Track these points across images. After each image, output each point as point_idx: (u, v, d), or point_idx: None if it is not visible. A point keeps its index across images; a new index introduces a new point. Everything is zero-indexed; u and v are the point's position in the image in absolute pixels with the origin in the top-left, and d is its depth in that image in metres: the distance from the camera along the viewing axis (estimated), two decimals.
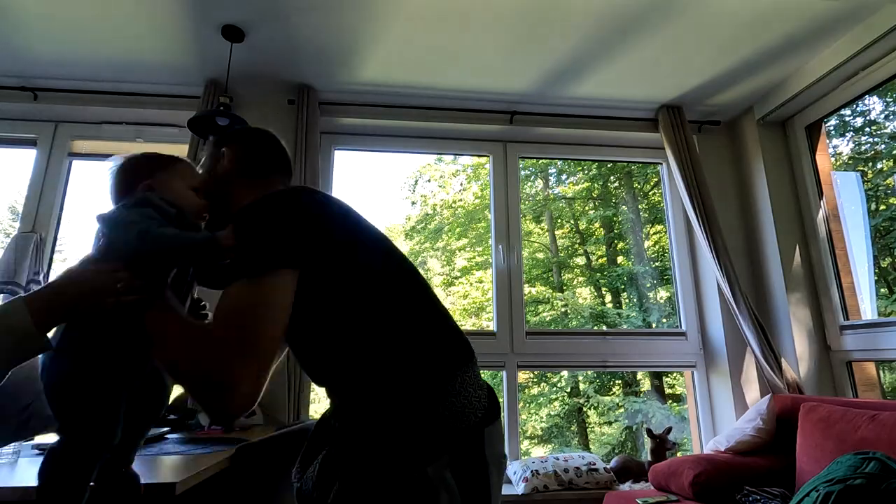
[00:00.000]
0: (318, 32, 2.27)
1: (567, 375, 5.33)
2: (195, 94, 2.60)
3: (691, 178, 2.73)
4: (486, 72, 2.58)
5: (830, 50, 2.36)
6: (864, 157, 2.96)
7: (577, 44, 2.35)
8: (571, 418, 5.42)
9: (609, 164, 5.07)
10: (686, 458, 2.13)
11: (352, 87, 2.67)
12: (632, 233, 5.56)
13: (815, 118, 2.68)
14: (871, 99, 2.70)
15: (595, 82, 2.65)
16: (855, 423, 1.79)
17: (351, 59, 2.46)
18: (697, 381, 2.81)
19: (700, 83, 2.67)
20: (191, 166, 1.01)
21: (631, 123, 2.90)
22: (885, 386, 3.01)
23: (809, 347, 2.57)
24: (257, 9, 2.12)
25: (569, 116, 2.88)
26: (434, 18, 2.18)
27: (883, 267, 3.06)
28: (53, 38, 2.31)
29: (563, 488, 2.30)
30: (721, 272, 2.59)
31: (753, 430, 2.19)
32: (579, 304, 5.59)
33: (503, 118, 2.84)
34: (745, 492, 1.91)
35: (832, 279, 2.59)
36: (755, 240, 2.85)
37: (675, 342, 2.86)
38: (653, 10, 2.13)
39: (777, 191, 2.76)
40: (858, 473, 1.43)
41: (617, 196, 5.67)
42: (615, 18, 2.18)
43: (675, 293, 2.98)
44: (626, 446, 5.09)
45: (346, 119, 2.81)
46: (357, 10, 2.14)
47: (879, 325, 2.35)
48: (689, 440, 2.96)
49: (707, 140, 2.99)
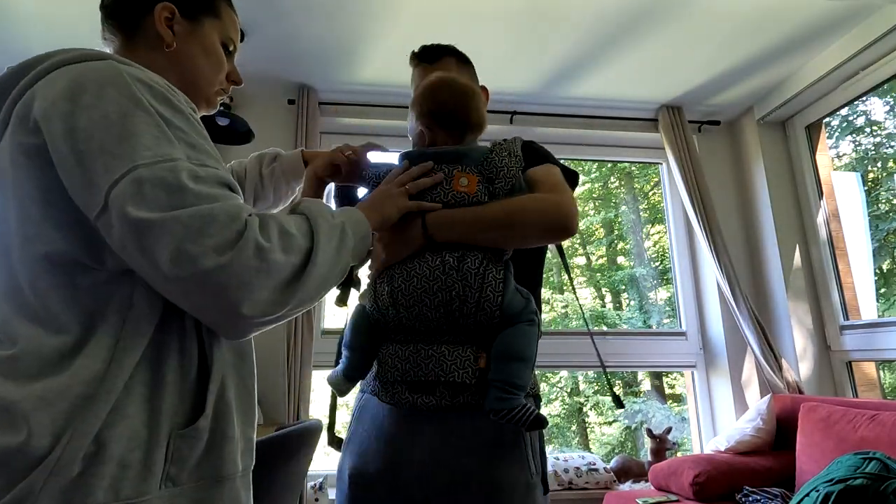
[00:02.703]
0: (318, 32, 2.28)
1: (567, 375, 5.32)
2: None
3: (691, 178, 2.73)
4: (486, 72, 2.55)
5: (830, 50, 2.36)
6: (864, 157, 2.96)
7: (576, 44, 2.35)
8: (571, 418, 5.42)
9: (609, 165, 5.07)
10: (686, 458, 2.13)
11: (352, 87, 2.67)
12: (632, 233, 5.56)
13: (815, 118, 2.68)
14: (872, 99, 2.70)
15: (595, 82, 2.65)
16: (855, 423, 1.79)
17: (351, 59, 2.46)
18: (697, 381, 2.81)
19: (700, 83, 2.67)
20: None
21: (631, 123, 2.90)
22: (885, 386, 3.01)
23: (809, 347, 2.57)
24: (257, 9, 2.12)
25: (569, 116, 2.88)
26: (434, 18, 2.18)
27: (883, 267, 3.06)
28: (53, 39, 2.31)
29: (563, 488, 2.30)
30: (721, 272, 2.59)
31: (753, 430, 2.19)
32: (578, 306, 5.58)
33: (503, 118, 2.84)
34: (745, 492, 1.91)
35: (832, 279, 2.59)
36: (755, 240, 2.85)
37: (675, 342, 2.86)
38: (653, 10, 2.13)
39: (777, 191, 2.76)
40: (858, 473, 1.44)
41: (617, 196, 5.67)
42: (615, 18, 2.18)
43: (675, 293, 2.97)
44: (626, 446, 5.09)
45: (346, 119, 2.81)
46: (357, 10, 2.14)
47: (879, 325, 2.35)
48: (689, 440, 2.96)
49: (707, 140, 2.99)
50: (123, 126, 0.57)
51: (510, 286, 0.86)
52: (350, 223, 0.72)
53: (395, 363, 0.85)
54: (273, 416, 2.33)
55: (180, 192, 0.56)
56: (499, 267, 0.86)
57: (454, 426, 0.85)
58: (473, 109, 0.98)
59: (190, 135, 0.62)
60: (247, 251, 0.56)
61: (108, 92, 0.59)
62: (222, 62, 0.84)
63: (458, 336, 0.85)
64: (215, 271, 0.54)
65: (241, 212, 0.59)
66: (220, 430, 0.64)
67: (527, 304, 0.88)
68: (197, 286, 0.55)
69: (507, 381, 0.81)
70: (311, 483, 2.29)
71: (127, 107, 0.58)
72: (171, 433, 0.60)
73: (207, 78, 0.82)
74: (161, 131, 0.59)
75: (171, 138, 0.59)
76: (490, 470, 0.84)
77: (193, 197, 0.56)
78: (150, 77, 0.63)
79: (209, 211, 0.56)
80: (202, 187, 0.58)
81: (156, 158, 0.56)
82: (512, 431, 0.86)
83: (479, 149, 0.95)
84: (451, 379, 0.82)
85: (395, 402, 0.87)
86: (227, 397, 0.65)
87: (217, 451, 0.63)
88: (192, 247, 0.54)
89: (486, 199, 0.88)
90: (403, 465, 0.86)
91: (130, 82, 0.60)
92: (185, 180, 0.56)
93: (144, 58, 0.74)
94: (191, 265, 0.54)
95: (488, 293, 0.83)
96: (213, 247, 0.54)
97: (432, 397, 0.84)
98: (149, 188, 0.55)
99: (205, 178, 0.59)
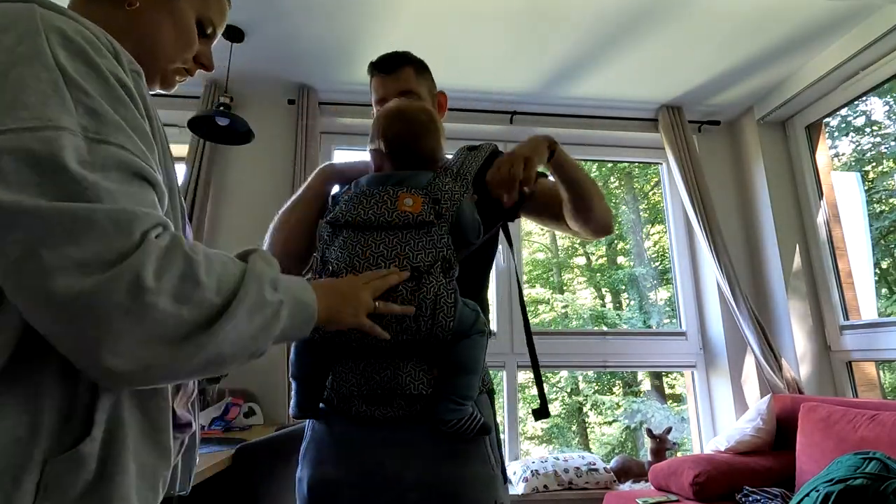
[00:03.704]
0: (318, 32, 2.28)
1: (567, 375, 5.32)
2: (195, 93, 2.60)
3: (691, 178, 2.73)
4: (486, 72, 2.58)
5: (830, 50, 2.36)
6: (864, 157, 2.96)
7: (576, 44, 2.35)
8: (571, 418, 5.42)
9: (609, 165, 5.06)
10: (686, 458, 2.13)
11: (352, 87, 2.67)
12: (632, 233, 5.56)
13: (815, 118, 2.68)
14: (872, 99, 2.70)
15: (595, 82, 2.66)
16: (855, 423, 1.79)
17: (351, 59, 2.46)
18: (697, 381, 2.81)
19: (700, 83, 2.67)
20: None
21: (631, 123, 2.90)
22: (885, 386, 3.01)
23: (809, 347, 2.57)
24: (257, 9, 2.12)
25: (569, 116, 2.88)
26: (434, 18, 2.18)
27: (883, 267, 3.06)
28: None
29: (563, 488, 2.30)
30: (721, 272, 2.59)
31: (753, 430, 2.19)
32: (578, 306, 5.59)
33: (503, 118, 2.84)
34: (745, 492, 1.91)
35: (832, 279, 2.59)
36: (755, 240, 2.85)
37: (675, 342, 2.86)
38: (653, 10, 2.13)
39: (777, 191, 2.76)
40: (858, 473, 1.44)
41: (617, 196, 5.67)
42: (615, 18, 2.18)
43: (675, 293, 2.97)
44: (626, 446, 5.09)
45: (346, 119, 2.81)
46: (357, 10, 2.14)
47: (879, 325, 2.35)
48: (689, 440, 2.96)
49: (707, 140, 2.99)
50: (5, 76, 0.44)
51: (459, 304, 0.88)
52: (290, 305, 0.57)
53: (349, 377, 0.87)
54: (273, 416, 2.33)
55: (54, 173, 0.41)
56: (450, 290, 0.87)
57: (415, 432, 0.87)
58: (426, 147, 0.99)
59: (95, 99, 0.47)
60: (119, 282, 0.41)
61: (6, 36, 0.46)
62: (192, 40, 0.72)
63: (410, 352, 0.87)
64: (71, 295, 0.40)
65: (136, 224, 0.43)
66: (112, 457, 0.49)
67: (476, 317, 0.90)
68: (42, 306, 0.40)
69: (458, 394, 0.86)
70: None
71: (20, 56, 0.45)
72: (45, 458, 0.45)
73: (167, 52, 0.69)
74: (55, 89, 0.45)
75: (65, 99, 0.45)
76: (454, 469, 0.87)
77: (72, 184, 0.42)
78: (75, 28, 0.50)
79: (87, 212, 0.41)
80: (88, 173, 0.43)
81: (32, 122, 0.42)
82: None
83: (425, 174, 0.97)
84: (407, 392, 0.85)
85: (353, 414, 0.88)
86: (121, 418, 0.50)
87: (106, 485, 0.48)
88: (50, 255, 0.40)
89: (431, 218, 0.89)
90: (367, 474, 0.87)
91: (41, 29, 0.47)
92: (67, 159, 0.42)
93: (101, 13, 0.62)
94: (40, 277, 0.39)
95: (440, 319, 0.84)
96: (77, 262, 0.40)
97: (389, 408, 0.86)
98: (10, 161, 0.40)
99: (97, 162, 0.44)
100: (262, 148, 2.59)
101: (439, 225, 0.89)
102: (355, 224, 0.89)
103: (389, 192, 0.91)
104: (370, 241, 0.87)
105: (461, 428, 0.85)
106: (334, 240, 0.91)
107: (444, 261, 0.87)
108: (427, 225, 0.88)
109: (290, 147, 2.65)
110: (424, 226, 0.88)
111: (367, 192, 0.93)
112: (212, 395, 2.22)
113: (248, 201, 2.60)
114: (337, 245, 0.89)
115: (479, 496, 0.86)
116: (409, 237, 0.87)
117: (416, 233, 0.88)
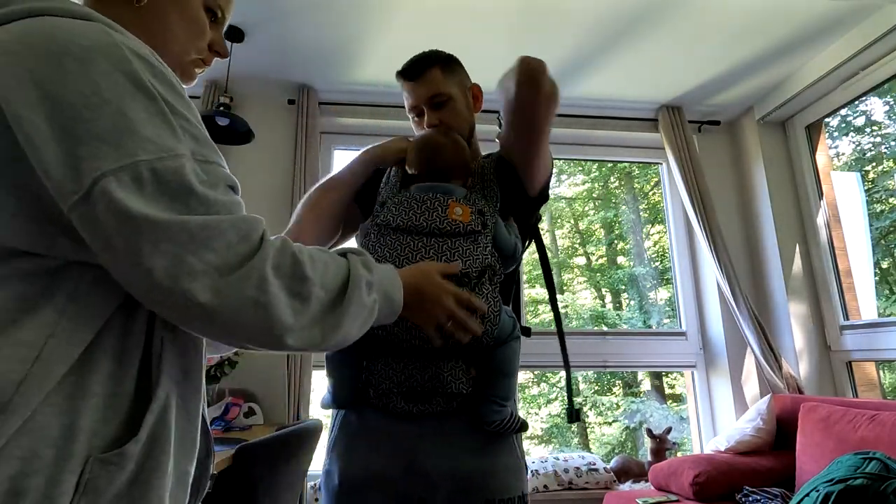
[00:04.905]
0: (318, 32, 2.27)
1: None
2: (195, 93, 2.60)
3: (691, 178, 2.73)
4: (486, 72, 2.56)
5: (830, 50, 2.36)
6: (864, 157, 2.96)
7: (576, 43, 2.35)
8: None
9: (609, 165, 5.07)
10: (686, 458, 2.13)
11: (352, 87, 2.67)
12: (632, 233, 5.56)
13: (815, 118, 2.68)
14: (872, 99, 2.70)
15: (595, 82, 2.65)
16: (855, 423, 1.79)
17: (351, 59, 2.46)
18: (697, 381, 2.81)
19: (700, 83, 2.67)
20: None
21: (631, 123, 2.90)
22: (885, 386, 3.01)
23: (809, 347, 2.57)
24: (257, 9, 2.12)
25: (569, 116, 2.87)
26: (434, 18, 2.18)
27: (883, 267, 3.06)
28: None
29: (563, 488, 2.30)
30: (721, 272, 2.59)
31: (753, 430, 2.19)
32: (578, 306, 5.59)
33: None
34: (745, 492, 1.91)
35: (832, 279, 2.59)
36: (755, 240, 2.85)
37: (675, 342, 2.86)
38: (653, 10, 2.13)
39: (777, 191, 2.76)
40: (858, 473, 1.44)
41: (617, 196, 5.67)
42: (615, 18, 2.18)
43: (675, 293, 2.97)
44: (626, 446, 5.09)
45: (346, 119, 2.81)
46: (357, 10, 2.14)
47: (879, 325, 2.35)
48: (689, 440, 2.96)
49: (707, 140, 2.99)
50: (120, 110, 0.48)
51: (502, 313, 0.91)
52: (381, 302, 0.65)
53: (388, 374, 0.89)
54: (273, 416, 2.33)
55: (186, 195, 0.49)
56: (495, 299, 0.91)
57: (451, 427, 0.91)
58: (457, 167, 1.05)
59: (194, 125, 0.54)
60: (249, 280, 0.50)
61: (98, 62, 0.48)
62: (203, 28, 0.71)
63: (451, 354, 0.90)
64: (213, 291, 0.48)
65: (255, 230, 0.53)
66: (154, 459, 0.51)
67: (514, 324, 0.95)
68: (184, 303, 0.48)
69: (500, 396, 0.91)
70: (311, 483, 2.29)
71: (124, 86, 0.49)
72: (88, 457, 0.47)
73: (182, 44, 0.69)
74: (164, 120, 0.51)
75: (174, 129, 0.51)
76: (486, 459, 0.91)
77: (200, 203, 0.50)
78: (144, 50, 0.53)
79: (217, 223, 0.50)
80: (209, 192, 0.51)
81: (160, 154, 0.49)
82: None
83: (460, 189, 1.03)
84: (449, 390, 0.89)
85: (391, 410, 0.90)
86: (167, 420, 0.53)
87: (143, 487, 0.50)
88: (195, 260, 0.47)
89: (479, 228, 0.93)
90: (403, 465, 0.88)
91: (129, 56, 0.51)
92: (192, 182, 0.50)
93: (110, 13, 0.60)
94: (188, 280, 0.47)
95: (487, 327, 0.88)
96: (215, 265, 0.48)
97: (428, 405, 0.89)
98: (152, 186, 0.48)
99: (210, 181, 0.52)
100: (262, 148, 2.59)
101: (485, 234, 0.93)
102: (405, 228, 0.92)
103: (440, 200, 0.95)
104: (420, 245, 0.90)
105: (503, 427, 0.91)
106: (381, 240, 0.93)
107: (490, 269, 0.91)
108: (475, 234, 0.92)
109: (290, 147, 2.65)
110: (472, 234, 0.92)
111: (417, 198, 0.96)
112: (212, 395, 2.22)
113: (248, 201, 2.52)
114: (384, 246, 0.92)
115: (510, 483, 0.91)
116: (458, 244, 0.91)
117: (465, 241, 0.91)
